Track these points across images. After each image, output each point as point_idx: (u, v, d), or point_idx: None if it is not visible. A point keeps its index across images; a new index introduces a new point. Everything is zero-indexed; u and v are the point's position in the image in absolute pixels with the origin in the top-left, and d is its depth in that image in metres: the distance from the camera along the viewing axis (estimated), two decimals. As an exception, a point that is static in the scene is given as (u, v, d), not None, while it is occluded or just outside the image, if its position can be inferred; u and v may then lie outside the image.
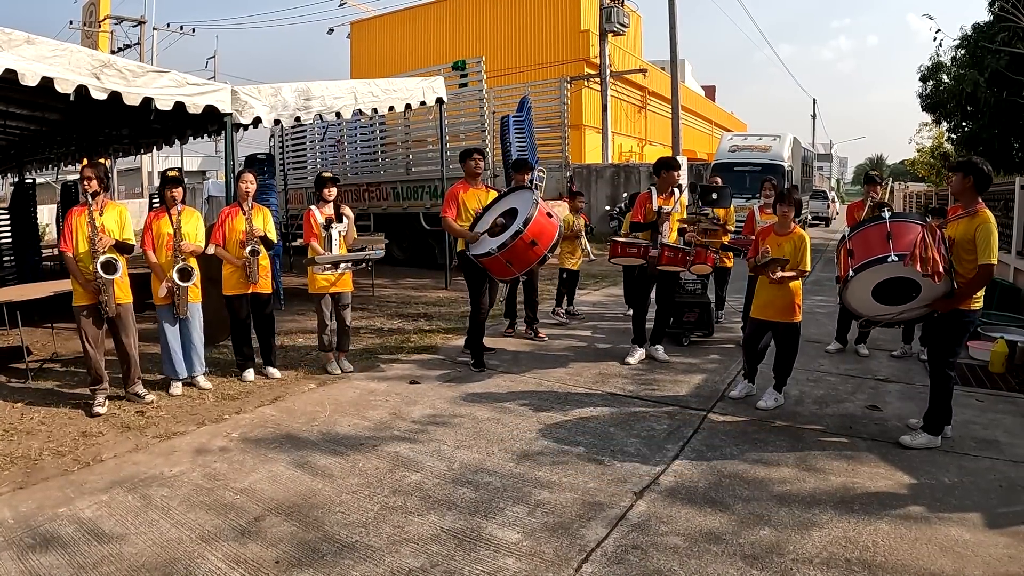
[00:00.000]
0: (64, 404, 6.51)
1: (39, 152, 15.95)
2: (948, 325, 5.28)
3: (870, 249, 5.28)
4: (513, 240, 6.77)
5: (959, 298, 5.13)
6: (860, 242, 5.42)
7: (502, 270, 7.12)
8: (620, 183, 24.92)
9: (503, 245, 6.80)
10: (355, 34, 41.65)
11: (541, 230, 6.89)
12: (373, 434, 5.71)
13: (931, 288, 5.07)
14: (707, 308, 8.86)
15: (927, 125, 35.20)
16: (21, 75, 6.73)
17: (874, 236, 5.34)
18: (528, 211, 6.84)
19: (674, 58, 23.88)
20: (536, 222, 6.81)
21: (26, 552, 3.89)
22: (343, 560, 3.79)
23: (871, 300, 5.45)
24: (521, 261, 6.97)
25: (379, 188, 17.74)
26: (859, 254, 5.33)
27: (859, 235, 5.49)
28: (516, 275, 7.36)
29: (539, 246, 6.87)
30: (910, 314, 5.46)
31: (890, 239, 5.18)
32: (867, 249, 5.30)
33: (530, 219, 6.77)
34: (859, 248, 5.38)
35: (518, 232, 6.75)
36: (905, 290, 5.24)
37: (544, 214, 6.97)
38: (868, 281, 5.33)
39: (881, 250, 5.18)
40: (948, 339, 5.31)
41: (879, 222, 5.40)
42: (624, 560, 3.77)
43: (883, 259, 5.14)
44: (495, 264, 7.03)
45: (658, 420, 5.99)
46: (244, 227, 7.10)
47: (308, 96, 9.92)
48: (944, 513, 4.28)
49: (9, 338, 8.73)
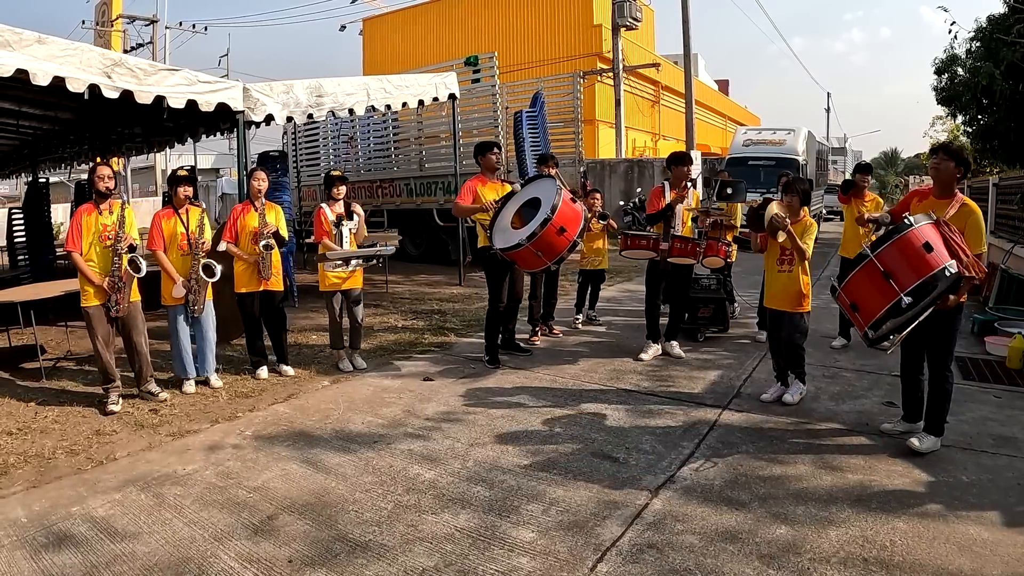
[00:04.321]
0: (78, 402, 6.53)
1: (52, 151, 16.01)
2: (944, 322, 5.05)
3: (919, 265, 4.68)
4: (543, 228, 6.62)
5: (960, 291, 4.93)
6: (896, 259, 4.80)
7: (533, 261, 6.97)
8: (634, 178, 24.85)
9: (533, 235, 6.66)
10: (367, 31, 41.69)
11: (568, 216, 6.78)
12: (387, 432, 5.70)
13: (943, 284, 4.73)
14: (722, 303, 8.81)
15: (941, 119, 34.91)
16: (33, 75, 6.74)
17: (909, 248, 4.75)
18: (553, 198, 6.72)
19: (687, 52, 23.81)
20: (563, 209, 6.71)
21: (39, 551, 3.89)
22: (356, 559, 3.77)
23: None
24: (551, 249, 6.81)
25: (392, 184, 17.72)
26: (903, 274, 4.71)
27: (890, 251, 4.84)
28: (547, 264, 7.25)
29: (568, 232, 6.72)
30: (919, 316, 4.96)
31: (931, 249, 4.67)
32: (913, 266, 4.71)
33: (556, 206, 6.64)
34: (898, 267, 4.76)
35: (547, 219, 6.61)
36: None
37: (568, 200, 6.87)
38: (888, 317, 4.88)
39: (931, 263, 4.63)
40: (948, 335, 5.10)
41: (906, 230, 4.81)
42: (640, 559, 3.73)
43: (941, 273, 4.62)
44: (525, 255, 6.88)
45: (673, 417, 5.95)
46: (256, 224, 7.10)
47: (320, 93, 9.91)
48: (962, 511, 4.22)
49: (23, 337, 8.76)
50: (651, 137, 38.20)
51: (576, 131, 17.70)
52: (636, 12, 28.67)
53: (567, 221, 6.73)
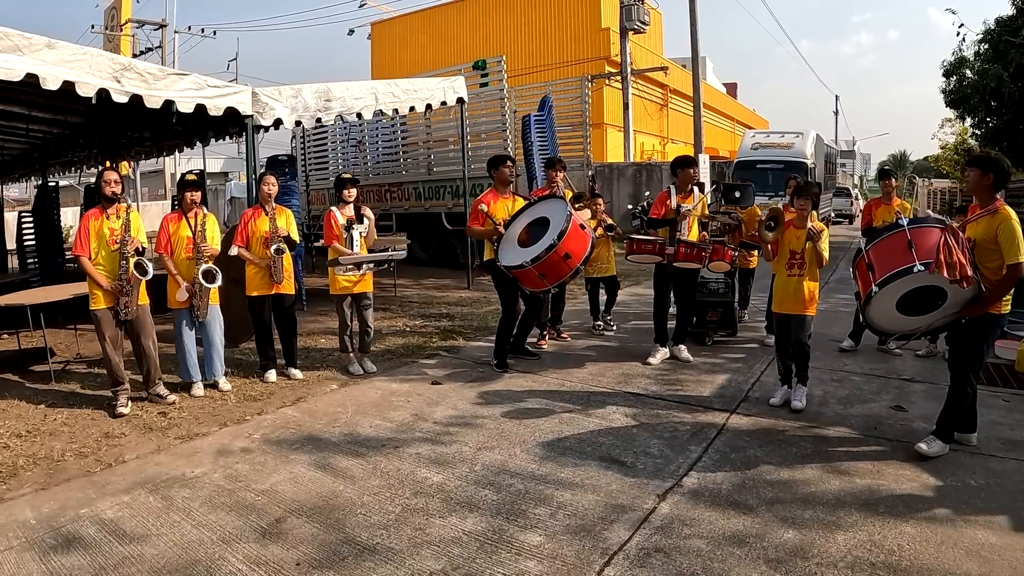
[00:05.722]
0: (87, 405, 6.56)
1: (62, 155, 16.06)
2: (975, 330, 5.04)
3: (892, 261, 5.02)
4: (547, 254, 6.70)
5: (988, 301, 4.90)
6: (880, 253, 5.16)
7: (534, 282, 7.07)
8: (642, 182, 24.80)
9: (537, 258, 6.73)
10: (375, 35, 41.73)
11: (575, 243, 6.84)
12: (395, 435, 5.71)
13: (958, 293, 4.85)
14: (730, 307, 8.78)
15: (950, 121, 34.86)
16: (43, 79, 6.78)
17: (894, 246, 5.07)
18: (562, 224, 6.77)
19: (695, 55, 23.74)
20: (570, 235, 6.75)
21: (48, 553, 3.91)
22: (364, 562, 3.78)
23: (896, 313, 5.19)
24: (554, 274, 6.90)
25: (401, 188, 17.78)
26: (880, 267, 5.07)
27: (878, 246, 5.22)
28: (548, 287, 7.29)
29: (572, 259, 6.81)
30: (938, 322, 5.16)
31: (912, 248, 4.91)
32: (888, 261, 5.04)
33: (564, 232, 6.70)
34: (879, 260, 5.11)
35: (552, 246, 6.68)
36: (931, 299, 4.99)
37: (577, 226, 6.92)
38: (892, 295, 5.07)
39: (904, 260, 4.92)
40: (975, 344, 5.06)
41: (897, 230, 5.13)
42: (647, 563, 3.73)
43: (908, 270, 4.88)
44: (528, 276, 6.98)
45: (681, 421, 5.94)
46: (267, 228, 7.12)
47: (329, 97, 9.94)
48: (970, 516, 4.20)
49: (33, 339, 8.81)
50: (659, 141, 38.13)
51: (584, 135, 17.77)
52: (644, 15, 28.64)
53: (573, 247, 6.79)
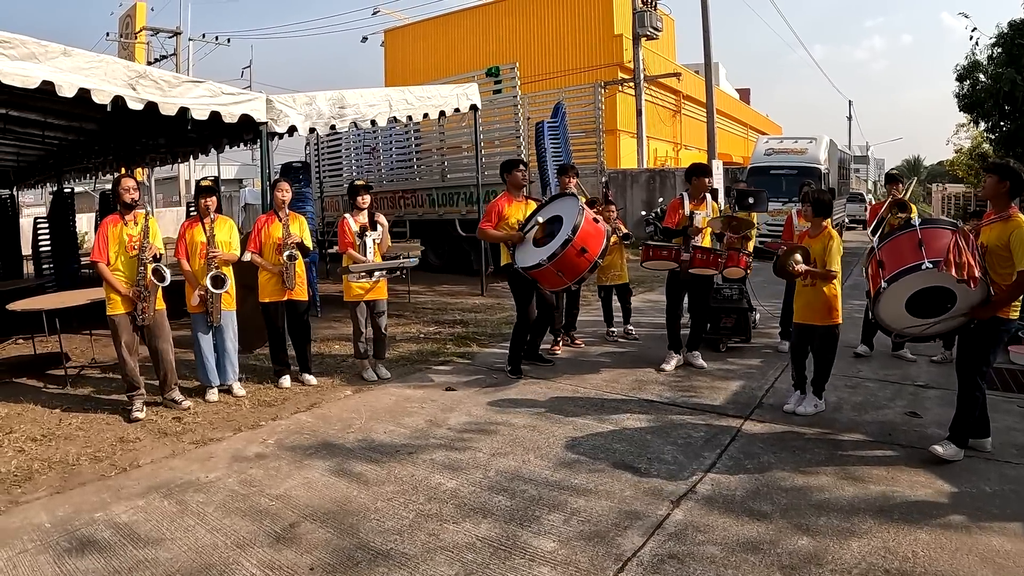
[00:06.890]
0: (102, 410, 6.59)
1: (77, 161, 16.19)
2: (983, 333, 5.05)
3: (902, 258, 5.04)
4: (563, 249, 6.63)
5: (996, 305, 4.90)
6: (890, 252, 5.19)
7: (553, 280, 7.02)
8: (656, 188, 24.78)
9: (553, 255, 6.67)
10: (389, 42, 41.83)
11: (590, 236, 6.79)
12: (409, 441, 5.71)
13: (967, 296, 4.86)
14: (744, 313, 8.76)
15: (964, 125, 34.69)
16: (58, 86, 6.84)
17: (905, 244, 5.11)
18: (575, 218, 6.74)
19: (708, 61, 23.70)
20: (584, 229, 6.71)
21: (63, 556, 3.94)
22: (377, 567, 3.78)
23: (905, 313, 5.20)
24: (572, 270, 6.84)
25: (415, 195, 17.81)
26: (890, 264, 5.09)
27: (889, 245, 5.26)
28: (568, 284, 7.26)
29: (589, 253, 6.75)
30: (946, 325, 5.16)
31: (922, 246, 4.94)
32: (898, 259, 5.07)
33: (578, 226, 6.66)
34: (890, 258, 5.14)
35: (568, 240, 6.63)
36: (940, 300, 4.99)
37: (591, 220, 6.88)
38: (902, 293, 5.09)
39: (913, 258, 4.96)
40: (982, 348, 5.07)
41: (909, 229, 5.18)
42: (660, 570, 3.72)
43: (916, 267, 4.91)
44: (546, 275, 6.92)
45: (695, 427, 5.92)
46: (280, 234, 7.15)
47: (343, 104, 9.98)
48: (985, 522, 4.17)
49: (48, 344, 8.87)
50: (673, 147, 38.06)
51: (598, 141, 17.75)
52: (656, 22, 28.65)
53: (588, 241, 6.73)
